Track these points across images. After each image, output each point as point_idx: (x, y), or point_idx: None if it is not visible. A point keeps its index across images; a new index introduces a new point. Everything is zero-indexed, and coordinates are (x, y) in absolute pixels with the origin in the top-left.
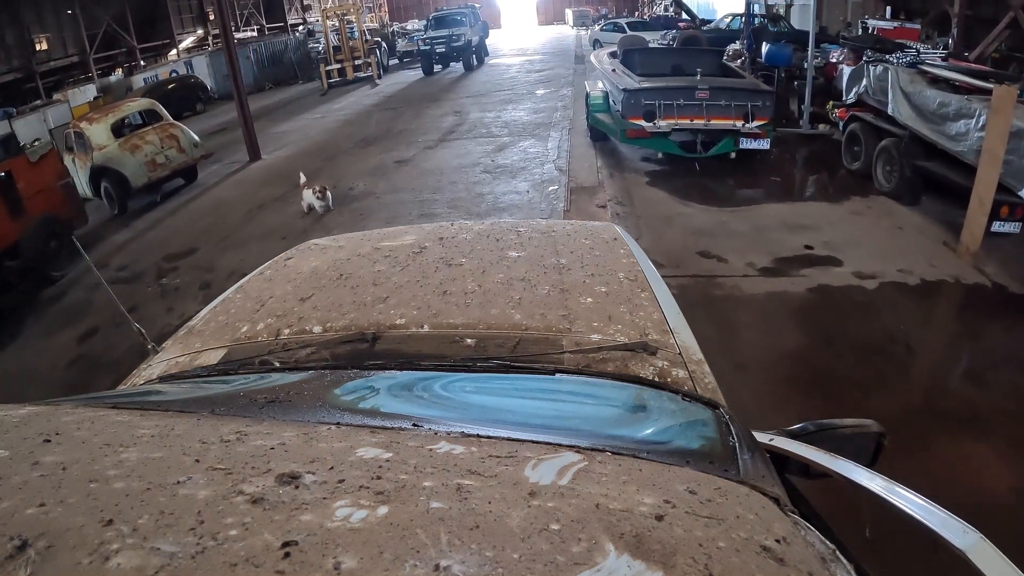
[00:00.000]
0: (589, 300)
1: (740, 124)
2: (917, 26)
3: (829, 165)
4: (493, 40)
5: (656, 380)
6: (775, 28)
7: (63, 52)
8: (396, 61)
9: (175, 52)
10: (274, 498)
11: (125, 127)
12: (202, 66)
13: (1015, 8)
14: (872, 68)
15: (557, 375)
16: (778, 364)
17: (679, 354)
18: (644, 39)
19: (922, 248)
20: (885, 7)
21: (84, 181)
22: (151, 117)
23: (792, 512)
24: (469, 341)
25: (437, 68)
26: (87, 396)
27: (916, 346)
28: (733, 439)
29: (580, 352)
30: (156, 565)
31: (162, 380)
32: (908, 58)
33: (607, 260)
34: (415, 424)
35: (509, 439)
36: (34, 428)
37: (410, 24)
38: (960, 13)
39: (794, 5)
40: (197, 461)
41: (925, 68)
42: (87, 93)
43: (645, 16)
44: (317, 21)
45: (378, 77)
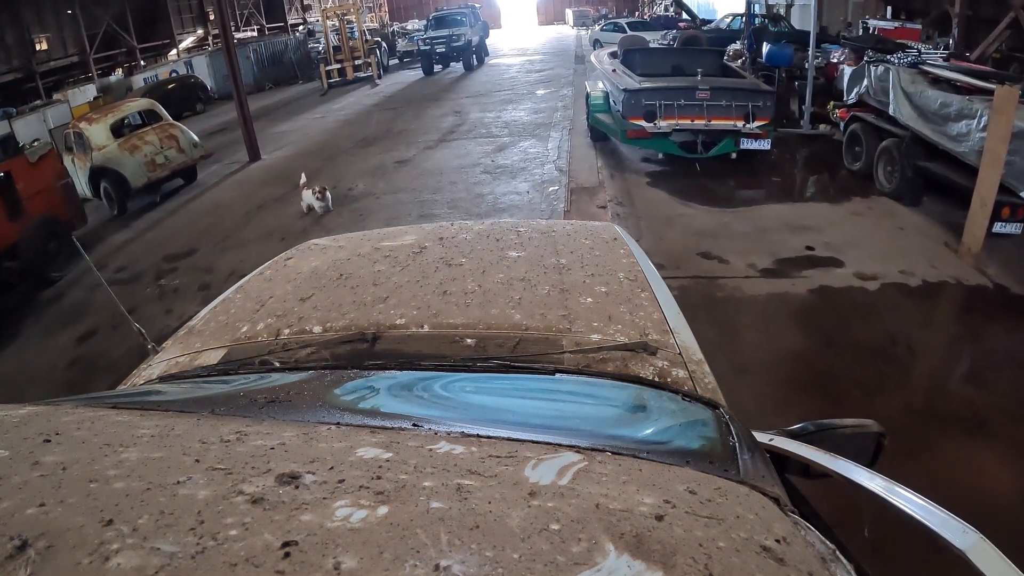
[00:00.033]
0: (589, 300)
1: (741, 124)
2: (918, 26)
3: (830, 166)
4: (493, 40)
5: (656, 380)
6: (776, 28)
7: (63, 52)
8: (396, 61)
9: (175, 52)
10: (274, 498)
11: (125, 127)
12: (202, 66)
13: (1016, 8)
14: (873, 68)
15: (557, 375)
16: (779, 365)
17: (679, 354)
18: (644, 39)
19: (923, 249)
20: (886, 7)
21: (83, 181)
22: (151, 117)
23: (792, 512)
24: (469, 341)
25: (437, 68)
26: (87, 396)
27: (917, 347)
28: (733, 439)
29: (580, 352)
30: (156, 565)
31: (162, 380)
32: (909, 58)
33: (607, 260)
34: (415, 424)
35: (509, 439)
36: (34, 428)
37: (410, 24)
38: (961, 13)
39: (795, 5)
40: (197, 461)
41: (926, 68)
42: (87, 93)
43: (645, 16)
44: (317, 21)
45: (378, 77)
